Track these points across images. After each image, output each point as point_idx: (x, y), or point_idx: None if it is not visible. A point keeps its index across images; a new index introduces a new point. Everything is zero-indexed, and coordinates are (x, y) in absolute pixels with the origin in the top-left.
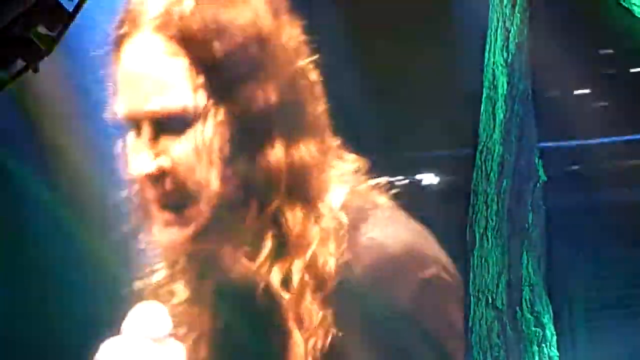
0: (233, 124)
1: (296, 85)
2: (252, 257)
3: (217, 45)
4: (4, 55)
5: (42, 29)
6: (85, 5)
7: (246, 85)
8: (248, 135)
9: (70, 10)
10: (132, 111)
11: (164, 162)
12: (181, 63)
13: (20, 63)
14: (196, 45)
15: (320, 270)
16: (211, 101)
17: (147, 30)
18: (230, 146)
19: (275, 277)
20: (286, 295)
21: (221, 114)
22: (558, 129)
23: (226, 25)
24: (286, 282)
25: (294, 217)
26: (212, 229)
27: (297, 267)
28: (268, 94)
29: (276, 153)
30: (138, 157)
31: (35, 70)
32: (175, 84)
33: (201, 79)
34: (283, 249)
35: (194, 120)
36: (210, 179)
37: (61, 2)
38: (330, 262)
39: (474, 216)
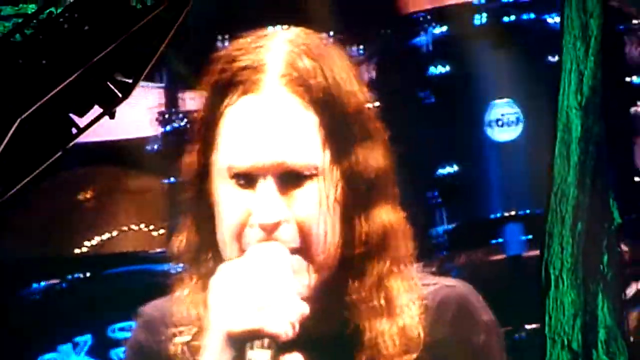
0: (348, 184)
1: (388, 155)
2: (360, 313)
3: (338, 104)
4: (81, 101)
5: (118, 75)
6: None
7: (361, 148)
8: (359, 196)
9: (146, 56)
10: (257, 163)
11: (290, 214)
12: (310, 120)
13: (97, 109)
14: (322, 103)
15: (410, 336)
16: (332, 159)
17: (272, 83)
18: (345, 205)
19: (378, 335)
20: (381, 353)
21: (338, 173)
22: None
23: (344, 86)
24: (382, 343)
25: (395, 281)
26: (330, 284)
27: (393, 331)
28: (378, 159)
29: (384, 216)
30: (265, 207)
31: (112, 117)
32: (304, 140)
33: (326, 137)
34: (383, 311)
35: (315, 176)
36: (330, 235)
37: (137, 48)
38: (419, 329)
39: (549, 258)
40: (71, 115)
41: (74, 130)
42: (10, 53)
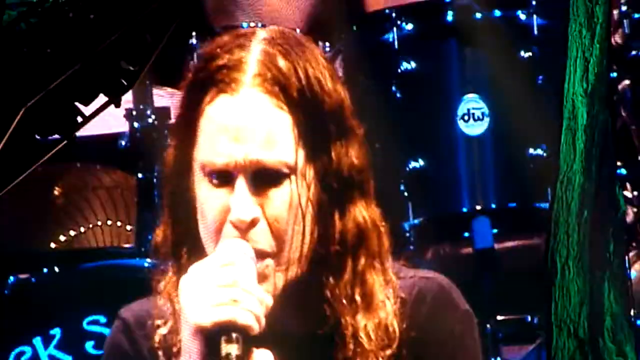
0: (322, 182)
1: (363, 152)
2: (338, 309)
3: (313, 104)
4: (86, 90)
5: (123, 64)
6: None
7: (336, 146)
8: (334, 194)
9: (152, 45)
10: (230, 161)
11: (262, 213)
12: (285, 119)
13: (102, 98)
14: (296, 103)
15: (388, 330)
16: (306, 158)
17: (247, 83)
18: (319, 203)
19: (357, 331)
20: (361, 348)
21: (312, 172)
22: None
23: (319, 85)
24: (361, 338)
25: (371, 277)
26: (306, 281)
27: (371, 326)
28: (353, 156)
29: (359, 214)
30: (239, 205)
31: (117, 105)
32: (278, 139)
33: (300, 136)
34: (361, 306)
35: (289, 175)
36: (303, 234)
37: (143, 37)
38: (394, 324)
39: (555, 246)
40: (76, 103)
41: (80, 119)
42: (15, 42)
